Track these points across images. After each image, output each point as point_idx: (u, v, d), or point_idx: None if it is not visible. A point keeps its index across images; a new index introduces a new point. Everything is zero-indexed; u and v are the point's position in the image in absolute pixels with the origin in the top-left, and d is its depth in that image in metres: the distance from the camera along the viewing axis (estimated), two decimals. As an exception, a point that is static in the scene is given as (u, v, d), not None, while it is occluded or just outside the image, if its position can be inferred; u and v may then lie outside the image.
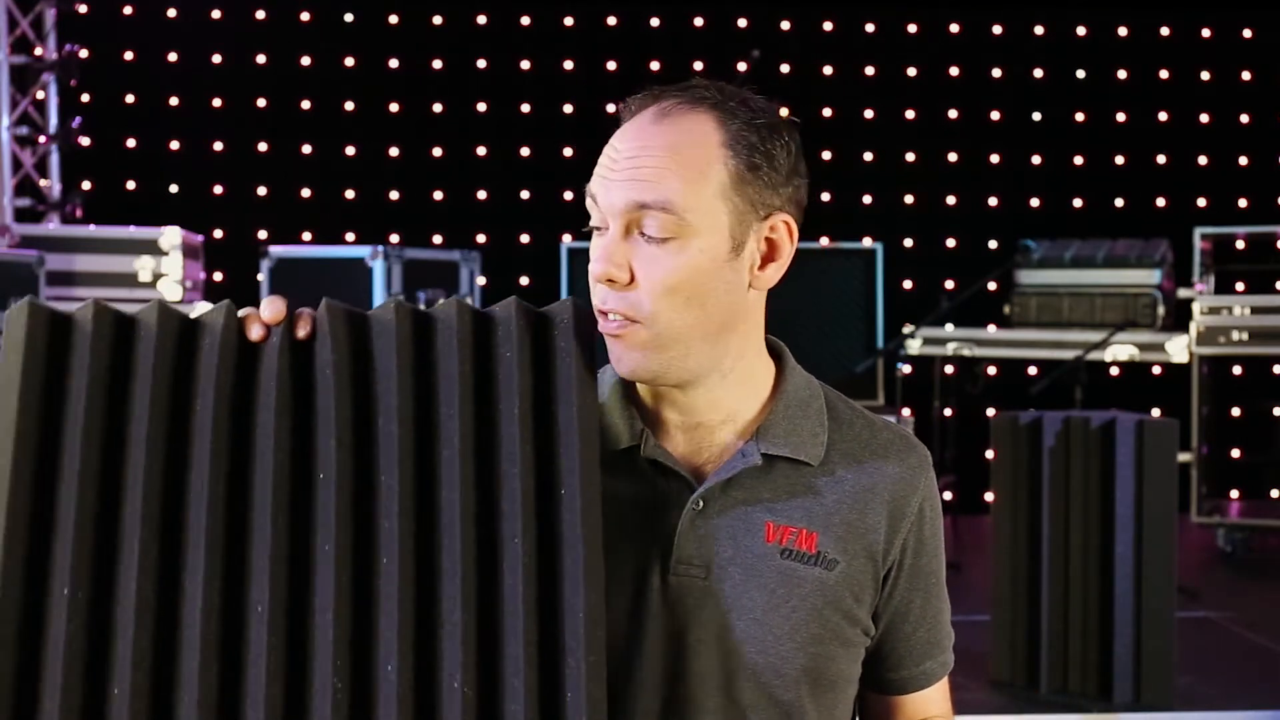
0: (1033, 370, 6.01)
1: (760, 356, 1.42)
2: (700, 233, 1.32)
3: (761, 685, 1.37)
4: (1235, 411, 6.19)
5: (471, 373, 1.22)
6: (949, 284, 6.43)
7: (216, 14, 6.59)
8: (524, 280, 6.54)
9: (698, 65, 6.52)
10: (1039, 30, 6.63)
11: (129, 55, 6.60)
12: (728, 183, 1.33)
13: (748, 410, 1.41)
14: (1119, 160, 6.62)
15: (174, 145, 6.61)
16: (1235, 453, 6.11)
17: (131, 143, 6.61)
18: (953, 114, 6.64)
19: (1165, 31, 6.58)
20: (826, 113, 6.65)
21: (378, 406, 1.21)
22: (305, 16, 6.62)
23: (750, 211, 1.34)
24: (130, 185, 6.59)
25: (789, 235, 1.37)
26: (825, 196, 6.60)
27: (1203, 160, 6.57)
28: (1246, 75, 6.56)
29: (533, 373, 1.23)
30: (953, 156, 6.65)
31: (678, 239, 1.32)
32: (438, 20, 6.66)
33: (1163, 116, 6.59)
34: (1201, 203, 6.51)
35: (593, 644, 1.18)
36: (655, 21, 6.65)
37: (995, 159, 6.65)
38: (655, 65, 6.47)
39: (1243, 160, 6.55)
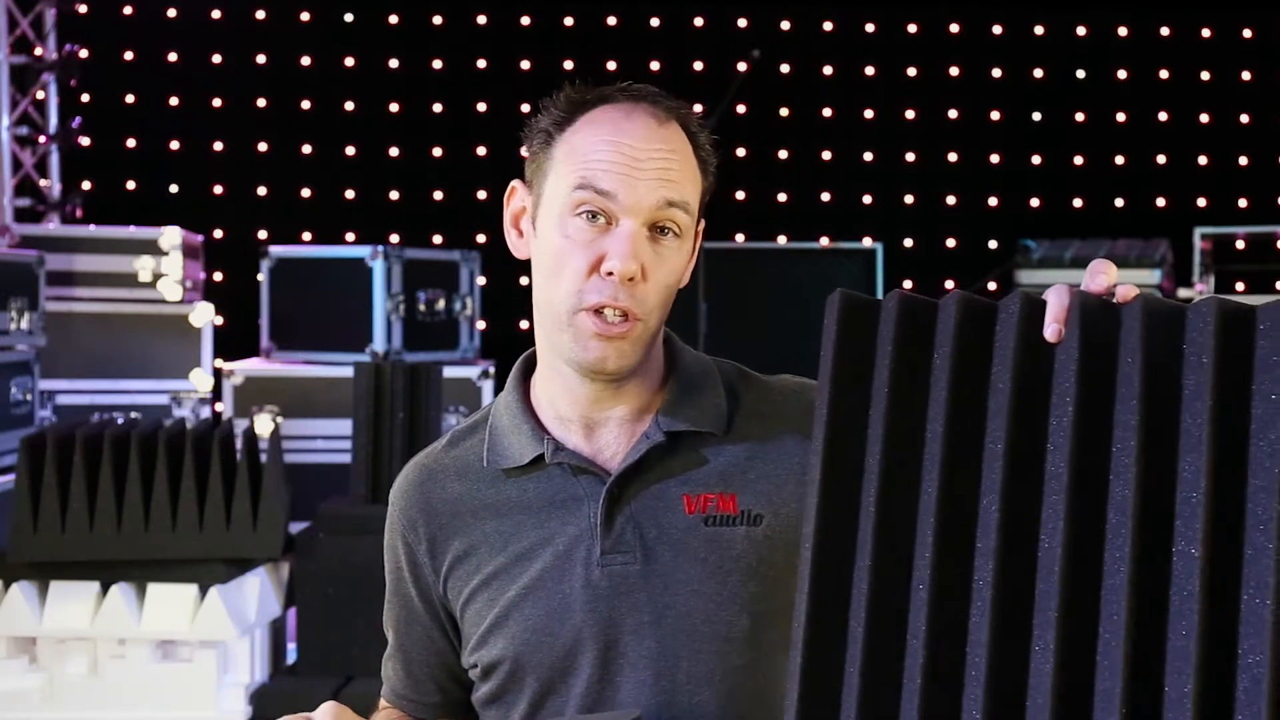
0: (1033, 370, 6.00)
1: (659, 345, 1.49)
2: (688, 234, 1.42)
3: (713, 653, 1.39)
4: (1235, 411, 6.18)
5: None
6: (949, 284, 6.43)
7: (216, 14, 6.59)
8: (524, 280, 6.54)
9: (698, 65, 6.52)
10: (1039, 30, 6.63)
11: (129, 55, 6.59)
12: (699, 188, 1.44)
13: (647, 395, 1.46)
14: (1119, 160, 6.62)
15: (174, 145, 6.60)
16: (1235, 453, 6.11)
17: (131, 143, 6.61)
18: (953, 114, 6.64)
19: (1165, 31, 6.57)
20: (826, 113, 6.65)
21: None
22: (305, 16, 6.62)
23: (699, 216, 1.46)
24: (130, 185, 6.59)
25: (700, 236, 1.48)
26: (825, 196, 6.59)
27: (1203, 160, 6.57)
28: (1246, 75, 6.56)
29: None
30: (953, 156, 6.65)
31: (681, 239, 1.41)
32: (438, 20, 6.66)
33: (1163, 116, 6.59)
34: (1201, 203, 6.51)
35: None
36: (655, 21, 6.65)
37: (995, 159, 6.65)
38: (655, 65, 6.46)
39: (1243, 160, 6.54)
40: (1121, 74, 6.61)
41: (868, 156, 6.65)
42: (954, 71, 6.65)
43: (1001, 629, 1.04)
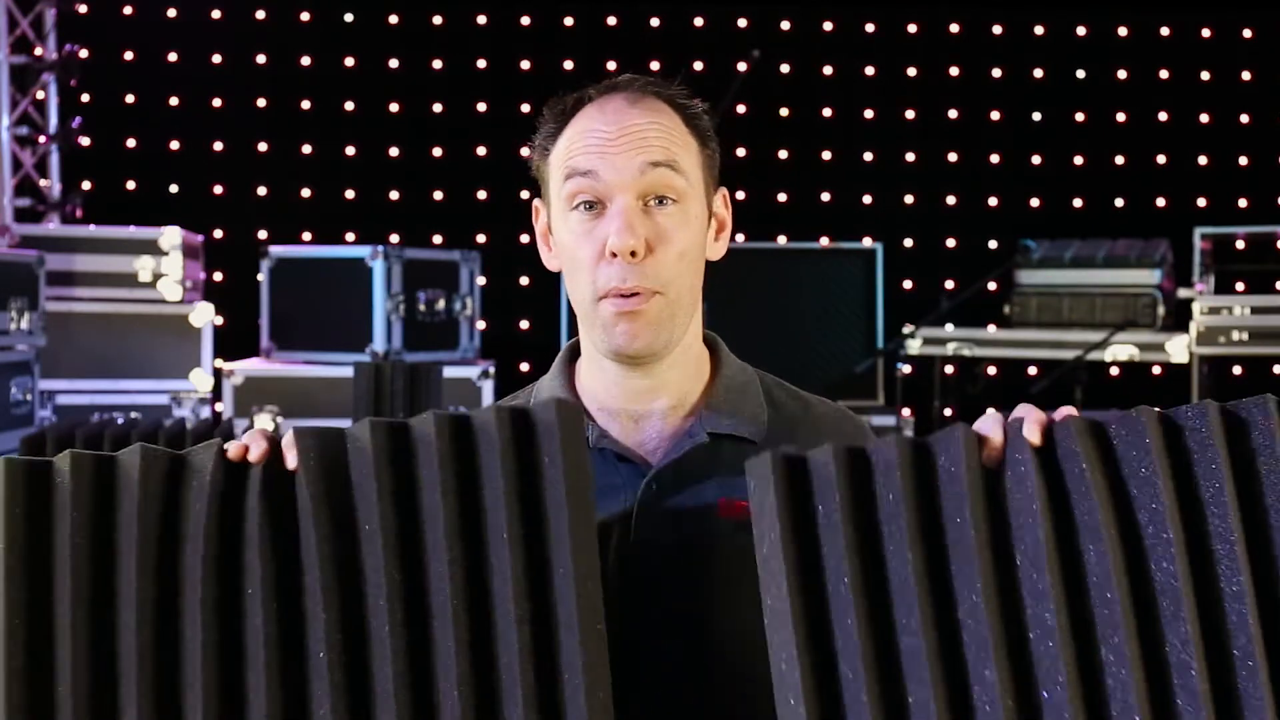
0: (1033, 370, 6.00)
1: (700, 340, 1.52)
2: (692, 198, 1.43)
3: (736, 656, 1.39)
4: (1235, 411, 6.17)
5: (455, 490, 1.19)
6: (949, 284, 6.43)
7: (216, 14, 6.59)
8: (524, 280, 6.54)
9: (698, 65, 6.52)
10: (1039, 30, 6.63)
11: (129, 55, 6.59)
12: (698, 154, 1.46)
13: (691, 394, 1.48)
14: (1119, 160, 6.62)
15: (174, 145, 6.60)
16: (1235, 453, 6.10)
17: (131, 143, 6.61)
18: (953, 114, 6.64)
19: (1165, 31, 6.57)
20: (826, 113, 6.65)
21: (360, 536, 1.18)
22: (305, 16, 6.62)
23: (711, 183, 1.47)
24: (130, 185, 6.59)
25: (728, 206, 1.51)
26: (825, 196, 6.59)
27: (1203, 160, 6.57)
28: (1246, 75, 6.56)
29: (519, 488, 1.19)
30: (953, 156, 6.65)
31: (680, 203, 1.42)
32: (438, 20, 6.66)
33: (1163, 116, 6.59)
34: (1201, 203, 6.51)
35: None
36: (655, 21, 6.65)
37: (995, 159, 6.65)
38: (655, 65, 6.46)
39: (1243, 160, 6.55)
40: (1121, 74, 6.61)
41: (868, 156, 6.65)
42: (954, 71, 6.65)
43: None
